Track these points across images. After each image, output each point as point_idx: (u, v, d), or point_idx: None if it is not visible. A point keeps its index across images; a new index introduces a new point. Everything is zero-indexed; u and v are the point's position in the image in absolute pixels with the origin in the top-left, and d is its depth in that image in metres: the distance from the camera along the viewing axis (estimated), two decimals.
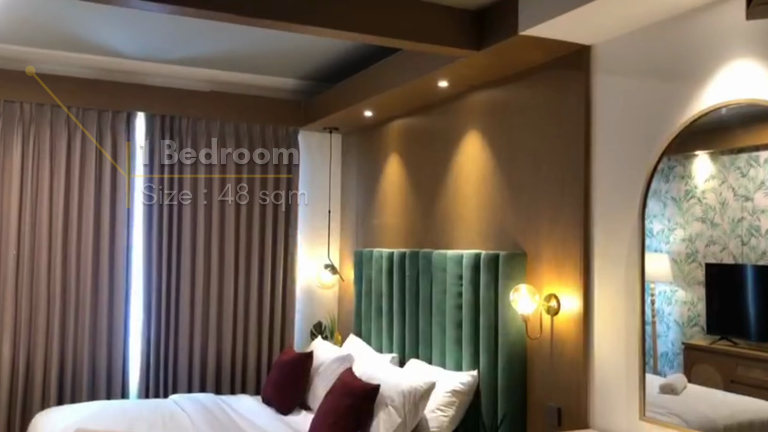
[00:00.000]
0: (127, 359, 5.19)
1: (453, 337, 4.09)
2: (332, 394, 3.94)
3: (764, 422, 2.59)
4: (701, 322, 2.85)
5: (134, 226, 5.27)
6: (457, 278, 4.08)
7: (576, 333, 3.35)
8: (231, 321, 5.46)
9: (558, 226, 3.50)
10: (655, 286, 3.04)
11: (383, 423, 3.69)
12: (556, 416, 3.42)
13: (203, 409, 4.33)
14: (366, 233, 5.56)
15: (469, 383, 3.84)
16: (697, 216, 2.86)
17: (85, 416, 4.12)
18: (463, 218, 4.30)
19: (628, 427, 3.08)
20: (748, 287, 2.72)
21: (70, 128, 5.08)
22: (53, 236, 4.99)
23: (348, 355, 4.57)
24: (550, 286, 3.51)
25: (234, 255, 5.50)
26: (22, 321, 4.88)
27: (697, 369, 2.87)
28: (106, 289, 5.10)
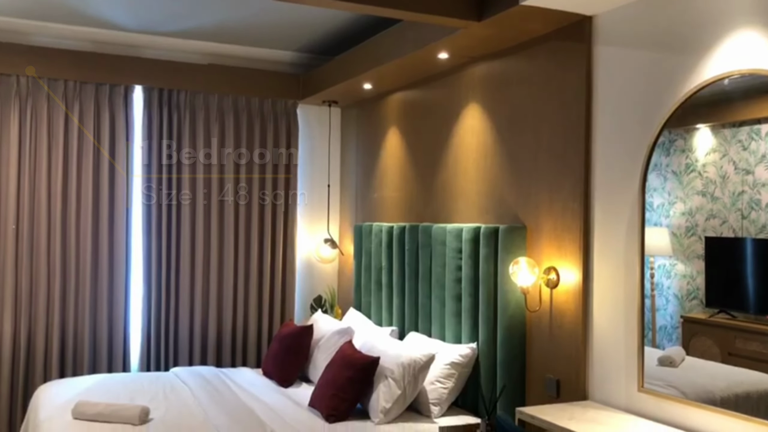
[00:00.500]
0: (128, 333, 5.22)
1: (452, 310, 4.10)
2: (332, 366, 3.97)
3: (761, 393, 2.61)
4: (700, 296, 2.86)
5: (133, 201, 5.26)
6: (456, 252, 4.08)
7: (575, 306, 3.36)
8: (231, 294, 5.48)
9: (558, 199, 3.49)
10: (654, 259, 3.05)
11: (383, 395, 3.72)
12: (554, 388, 3.45)
13: (204, 381, 4.36)
14: (366, 207, 5.55)
15: (468, 355, 3.86)
16: (697, 190, 2.85)
17: (87, 389, 4.16)
18: (462, 192, 4.29)
19: (626, 399, 3.10)
20: (747, 261, 2.72)
21: (67, 101, 5.05)
22: (52, 210, 4.99)
23: (348, 328, 4.59)
24: (550, 259, 3.52)
25: (234, 230, 5.50)
26: (22, 295, 4.90)
27: (696, 342, 2.88)
28: (106, 262, 5.11)
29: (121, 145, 5.18)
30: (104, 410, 3.60)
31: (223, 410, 3.75)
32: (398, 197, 5.05)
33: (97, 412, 3.59)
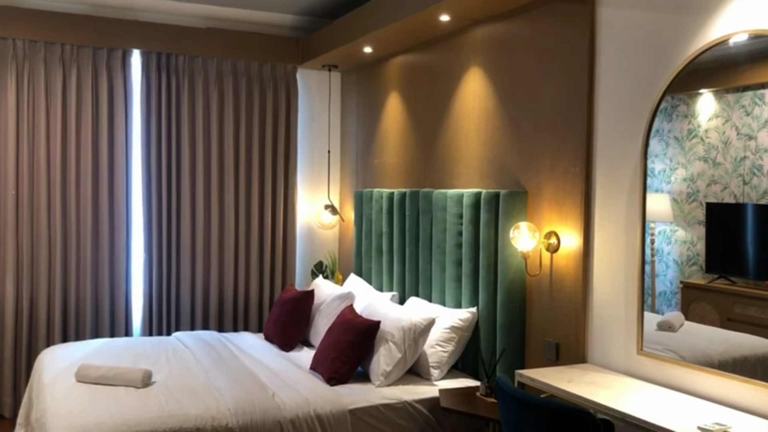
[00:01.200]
0: (130, 298, 5.25)
1: (453, 275, 4.12)
2: (333, 330, 4.00)
3: (759, 357, 2.64)
4: (700, 262, 2.87)
5: (133, 166, 5.24)
6: (457, 217, 4.08)
7: (575, 270, 3.37)
8: (232, 259, 5.49)
9: (559, 164, 3.48)
10: (655, 225, 3.05)
11: (383, 358, 3.75)
12: (554, 351, 3.48)
13: (206, 345, 4.39)
14: (366, 173, 5.54)
15: (468, 320, 3.89)
16: (699, 155, 2.85)
17: (90, 352, 4.20)
18: (463, 157, 4.28)
19: (625, 362, 3.13)
20: (748, 226, 2.72)
21: (64, 65, 5.00)
22: (52, 175, 4.98)
23: (349, 293, 4.61)
24: (551, 224, 3.52)
25: (234, 196, 5.50)
26: (24, 260, 4.91)
27: (695, 307, 2.90)
28: (107, 228, 5.11)
29: (120, 109, 5.14)
30: (107, 373, 3.63)
31: (225, 373, 3.79)
32: (399, 163, 5.04)
33: (100, 375, 3.62)
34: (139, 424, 3.07)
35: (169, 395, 3.42)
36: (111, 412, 3.16)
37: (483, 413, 3.33)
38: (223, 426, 3.16)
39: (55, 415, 3.20)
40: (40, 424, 3.26)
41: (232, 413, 3.25)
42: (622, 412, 2.59)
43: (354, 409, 3.46)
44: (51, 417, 3.19)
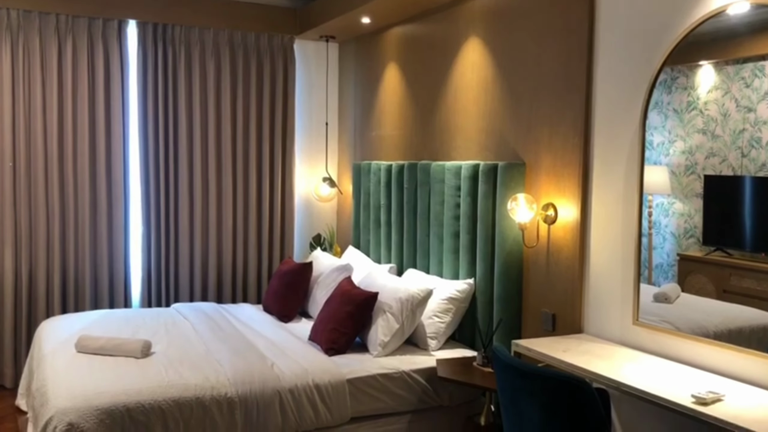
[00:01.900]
0: (129, 270, 5.26)
1: (450, 247, 4.14)
2: (332, 301, 4.02)
3: (754, 328, 2.66)
4: (697, 234, 2.88)
5: (130, 138, 5.22)
6: (455, 189, 4.09)
7: (572, 242, 3.38)
8: (230, 232, 5.50)
9: (558, 136, 3.47)
10: (652, 198, 3.06)
11: (381, 329, 3.78)
12: (550, 322, 3.50)
13: (205, 316, 4.42)
14: (364, 146, 5.53)
15: (466, 291, 3.91)
16: (698, 128, 2.84)
17: (89, 324, 4.22)
18: (462, 129, 4.27)
19: (620, 332, 3.16)
20: (745, 199, 2.73)
21: (59, 36, 4.95)
22: (48, 148, 4.96)
23: (347, 265, 4.63)
24: (548, 196, 3.52)
25: (231, 169, 5.49)
26: (22, 232, 4.91)
27: (691, 279, 2.92)
28: (105, 200, 5.11)
29: (116, 81, 5.11)
30: (106, 344, 3.65)
31: (224, 344, 3.82)
32: (397, 135, 5.02)
33: (100, 346, 3.65)
34: (138, 393, 3.10)
35: (169, 365, 3.45)
36: (111, 382, 3.19)
37: (480, 383, 3.36)
38: (222, 395, 3.20)
39: (55, 384, 3.22)
40: (41, 393, 3.29)
41: (231, 383, 3.28)
42: (617, 381, 2.62)
43: (352, 379, 3.49)
44: (52, 386, 3.22)
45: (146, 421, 3.03)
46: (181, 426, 3.09)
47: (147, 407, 3.05)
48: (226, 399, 3.19)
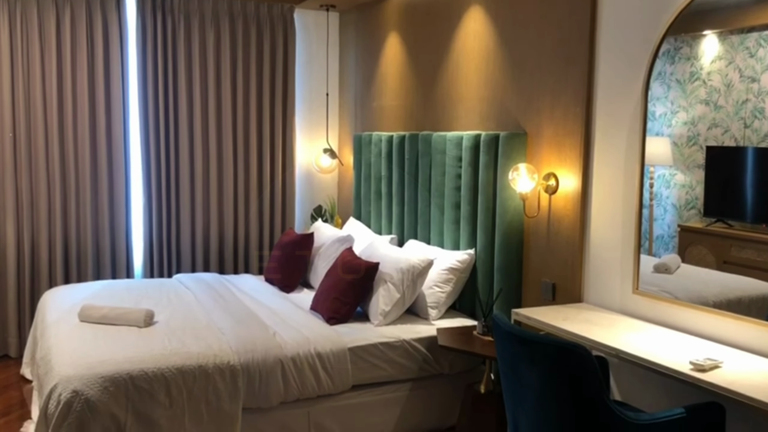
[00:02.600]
0: (131, 241, 5.27)
1: (451, 218, 4.14)
2: (333, 271, 4.04)
3: (753, 299, 2.68)
4: (698, 205, 2.88)
5: (130, 108, 5.20)
6: (456, 160, 4.08)
7: (573, 212, 3.39)
8: (231, 203, 5.51)
9: (560, 105, 3.46)
10: (654, 169, 3.05)
11: (382, 298, 3.81)
12: (550, 291, 3.52)
13: (207, 287, 4.44)
14: (365, 116, 5.51)
15: (466, 261, 3.93)
16: (700, 98, 2.83)
17: (92, 293, 4.24)
18: (463, 99, 4.25)
19: (620, 301, 3.18)
20: (747, 170, 2.72)
21: (57, 5, 4.90)
22: (48, 118, 4.94)
23: (348, 236, 4.64)
24: (550, 166, 3.52)
25: (232, 139, 5.47)
26: (23, 203, 4.91)
27: (692, 250, 2.93)
28: (105, 170, 5.10)
29: (115, 51, 5.07)
30: (109, 313, 3.68)
31: (226, 313, 3.84)
32: (398, 106, 5.00)
33: (103, 315, 3.67)
34: (142, 361, 3.13)
35: (172, 334, 3.48)
36: (114, 350, 3.22)
37: (480, 351, 3.39)
38: (225, 363, 3.23)
39: (59, 353, 3.25)
40: (46, 362, 3.32)
41: (234, 351, 3.31)
42: (617, 349, 2.64)
43: (353, 348, 3.53)
44: (56, 355, 3.25)
45: (150, 388, 3.06)
46: (184, 393, 3.12)
47: (150, 375, 3.07)
48: (228, 367, 3.22)
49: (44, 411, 2.93)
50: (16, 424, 3.79)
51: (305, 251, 4.69)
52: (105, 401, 2.95)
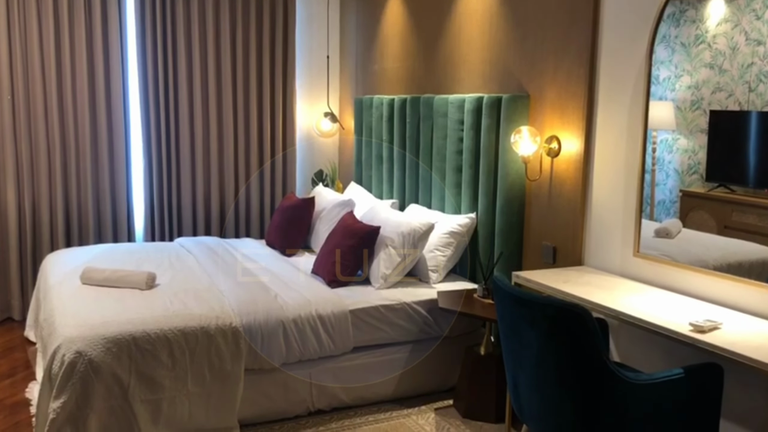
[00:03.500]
0: (131, 205, 5.27)
1: (452, 182, 4.14)
2: (334, 235, 4.05)
3: (753, 263, 2.69)
4: (701, 170, 2.88)
5: (129, 71, 5.16)
6: (458, 123, 4.06)
7: (575, 175, 3.38)
8: (232, 167, 5.49)
9: (563, 66, 3.43)
10: (657, 134, 3.04)
11: (383, 262, 3.82)
12: (551, 255, 3.53)
13: (208, 250, 4.45)
14: (366, 79, 5.46)
15: (467, 225, 3.93)
16: (705, 62, 2.80)
17: (94, 256, 4.25)
18: (466, 61, 4.21)
19: (621, 264, 3.19)
20: (751, 134, 2.71)
21: None
22: (47, 80, 4.89)
23: (349, 200, 4.64)
24: (552, 128, 3.50)
25: (232, 103, 5.44)
26: (23, 166, 4.90)
27: (693, 215, 2.93)
28: (105, 133, 5.08)
29: (114, 12, 5.00)
30: (111, 276, 3.69)
31: (228, 276, 3.86)
32: (400, 68, 4.96)
33: (105, 278, 3.68)
34: (144, 323, 3.14)
35: (174, 296, 3.49)
36: (117, 312, 3.23)
37: (480, 313, 3.41)
38: (227, 325, 3.25)
39: (62, 314, 3.27)
40: (49, 323, 3.34)
41: (235, 313, 3.33)
42: (616, 311, 2.66)
43: (354, 310, 3.55)
44: (59, 316, 3.27)
45: (152, 349, 3.08)
46: (186, 354, 3.14)
47: (153, 336, 3.09)
48: (230, 328, 3.24)
49: (48, 372, 2.96)
50: (21, 385, 3.84)
51: (306, 215, 4.70)
52: (108, 362, 2.98)
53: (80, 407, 2.92)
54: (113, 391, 3.00)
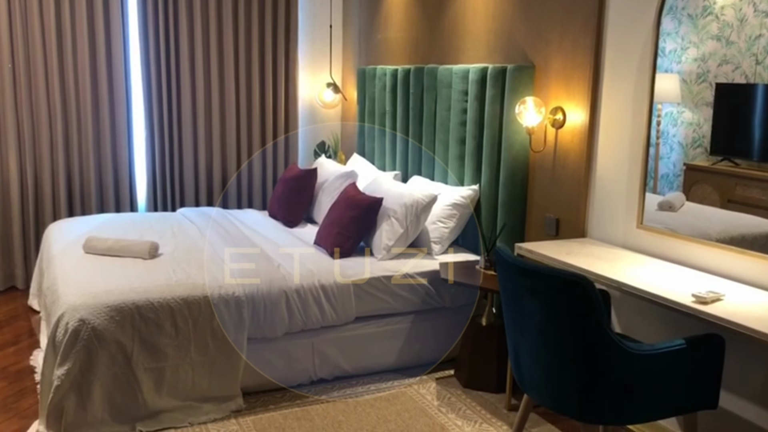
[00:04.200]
0: (134, 176, 5.26)
1: (456, 154, 4.12)
2: (336, 206, 4.04)
3: (756, 236, 2.69)
4: (705, 144, 2.87)
5: (130, 38, 5.11)
6: (462, 94, 4.04)
7: (579, 146, 3.36)
8: (234, 138, 5.47)
9: (568, 36, 3.39)
10: (662, 107, 3.02)
11: (386, 233, 3.82)
12: (554, 227, 3.53)
13: (211, 220, 4.46)
14: (369, 50, 5.42)
15: (470, 196, 3.93)
16: (712, 34, 2.78)
17: (96, 226, 4.26)
18: (470, 31, 4.17)
19: (624, 236, 3.19)
20: (756, 107, 2.69)
21: None
22: (47, 48, 4.85)
23: (352, 171, 4.63)
24: (557, 99, 3.48)
25: (234, 72, 5.40)
26: (25, 135, 4.88)
27: (696, 189, 2.93)
28: (106, 102, 5.05)
29: None
30: (114, 245, 3.70)
31: (230, 246, 3.86)
32: (403, 38, 4.91)
33: (108, 247, 3.69)
34: (147, 291, 3.15)
35: (176, 266, 3.50)
36: (120, 281, 3.24)
37: (482, 284, 3.42)
38: (230, 294, 3.26)
39: (65, 282, 3.29)
40: (52, 291, 3.35)
41: (238, 283, 3.34)
42: (619, 282, 2.66)
43: (357, 280, 3.56)
44: (62, 284, 3.28)
45: (156, 318, 3.09)
46: (189, 323, 3.16)
47: (156, 305, 3.11)
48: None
49: (52, 339, 2.98)
50: (26, 352, 3.87)
51: (309, 186, 4.69)
52: (111, 330, 3.00)
53: (84, 374, 2.95)
54: (117, 359, 3.02)
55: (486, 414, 3.30)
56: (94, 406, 2.98)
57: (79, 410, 2.96)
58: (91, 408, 2.97)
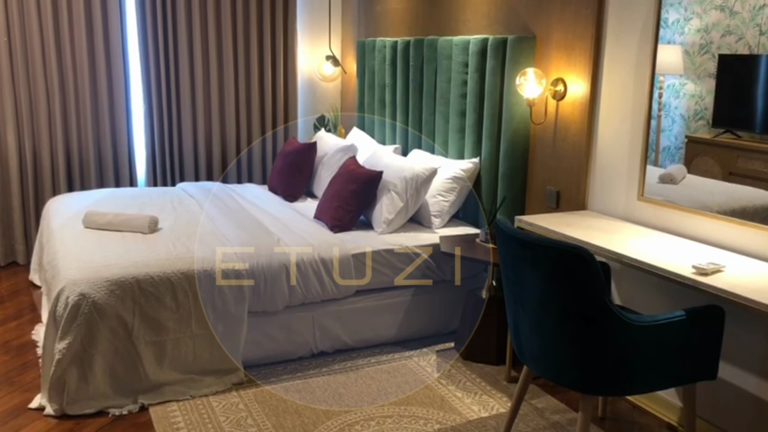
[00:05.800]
0: (133, 150, 5.23)
1: (456, 127, 4.10)
2: (336, 180, 4.03)
3: (757, 208, 2.68)
4: (707, 116, 2.84)
5: (127, 12, 5.06)
6: (462, 66, 4.00)
7: (581, 118, 3.34)
8: (233, 111, 5.44)
9: (570, 6, 3.34)
10: (664, 79, 2.99)
11: (386, 207, 3.81)
12: (554, 199, 3.52)
13: (211, 195, 4.45)
14: (369, 21, 5.36)
15: (470, 170, 3.91)
16: (716, 4, 2.74)
17: (96, 201, 4.26)
18: (470, 1, 4.11)
19: (625, 208, 3.18)
20: (760, 79, 2.67)
21: None
22: (43, 22, 4.80)
23: (351, 145, 4.61)
24: (558, 71, 3.44)
25: (232, 46, 5.35)
26: (23, 110, 4.84)
27: (698, 161, 2.91)
28: (104, 76, 5.00)
29: None
30: (114, 219, 3.69)
31: (230, 221, 3.86)
32: (403, 9, 4.86)
33: (107, 222, 3.69)
34: (147, 265, 3.16)
35: (176, 240, 3.50)
36: (120, 255, 3.25)
37: (482, 257, 3.42)
38: (230, 268, 3.26)
39: (65, 257, 3.29)
40: (53, 266, 3.36)
41: (238, 256, 3.34)
42: (619, 254, 2.66)
43: (357, 254, 3.56)
44: (62, 259, 3.28)
45: (156, 292, 3.10)
46: (190, 297, 3.17)
47: (156, 279, 3.11)
48: (233, 271, 3.26)
49: (53, 313, 2.99)
50: (27, 326, 3.88)
51: (308, 160, 4.67)
52: (112, 304, 3.00)
53: (85, 348, 2.96)
54: (118, 333, 3.03)
55: (486, 386, 3.32)
56: (96, 380, 3.00)
57: (81, 383, 2.98)
58: (92, 381, 2.99)
